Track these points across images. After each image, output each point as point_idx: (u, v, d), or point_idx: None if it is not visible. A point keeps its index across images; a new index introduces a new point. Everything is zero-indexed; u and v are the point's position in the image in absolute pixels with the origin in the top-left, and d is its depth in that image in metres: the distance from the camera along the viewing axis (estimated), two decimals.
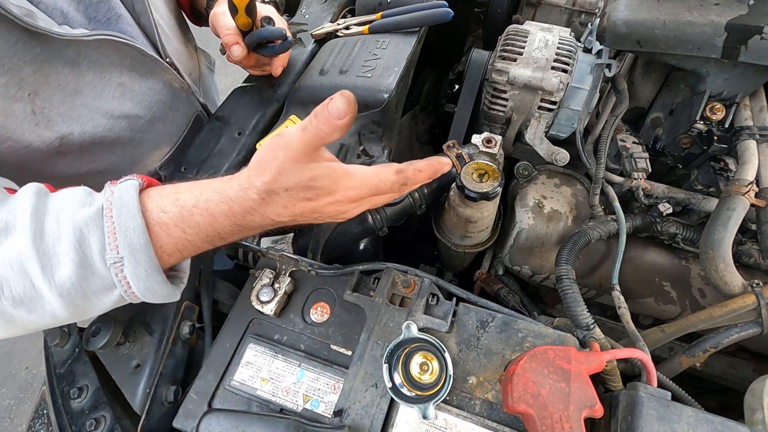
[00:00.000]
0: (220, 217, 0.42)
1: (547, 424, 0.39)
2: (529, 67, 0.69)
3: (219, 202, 0.41)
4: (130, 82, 0.62)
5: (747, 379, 0.61)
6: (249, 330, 0.53)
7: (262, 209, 0.42)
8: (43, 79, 0.51)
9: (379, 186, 0.43)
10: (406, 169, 0.43)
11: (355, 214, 0.47)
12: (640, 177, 0.68)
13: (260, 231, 0.46)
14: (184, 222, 0.41)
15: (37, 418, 0.55)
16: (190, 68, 0.79)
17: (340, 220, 0.48)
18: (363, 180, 0.42)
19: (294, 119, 0.64)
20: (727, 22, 0.56)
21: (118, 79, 0.60)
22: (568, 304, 0.57)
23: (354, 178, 0.42)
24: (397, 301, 0.52)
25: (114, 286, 0.40)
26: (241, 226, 0.43)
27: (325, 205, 0.43)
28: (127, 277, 0.40)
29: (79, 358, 0.54)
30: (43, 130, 0.53)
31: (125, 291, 0.41)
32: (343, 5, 0.90)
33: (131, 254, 0.39)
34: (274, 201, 0.41)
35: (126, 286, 0.40)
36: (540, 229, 0.70)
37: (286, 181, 0.40)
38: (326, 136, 0.38)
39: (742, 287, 0.57)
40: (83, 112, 0.57)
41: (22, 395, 1.80)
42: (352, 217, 0.47)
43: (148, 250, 0.40)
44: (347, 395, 0.46)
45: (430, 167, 0.44)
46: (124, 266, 0.39)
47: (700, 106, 0.63)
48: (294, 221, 0.45)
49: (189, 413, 0.49)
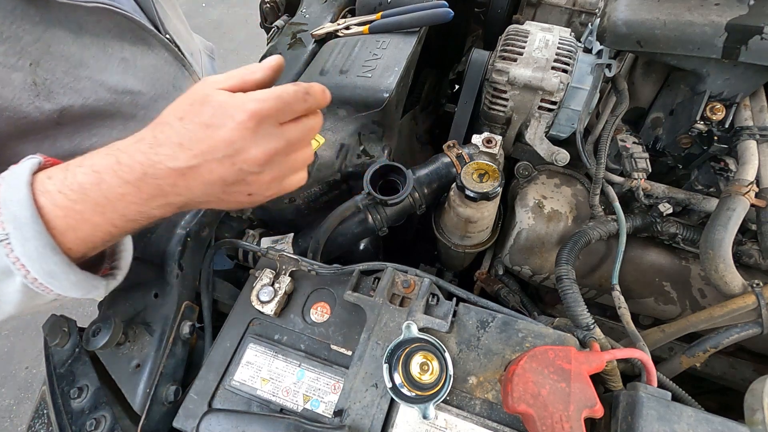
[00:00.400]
0: (107, 174, 0.36)
1: (547, 424, 0.39)
2: (530, 67, 0.69)
3: (106, 155, 0.37)
4: (132, 57, 0.62)
5: (747, 379, 0.61)
6: (249, 330, 0.53)
7: (154, 154, 0.37)
8: (45, 49, 0.50)
9: (282, 95, 0.38)
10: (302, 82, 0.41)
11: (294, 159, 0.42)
12: (640, 177, 0.68)
13: (169, 201, 0.39)
14: (68, 186, 0.37)
15: (37, 418, 0.55)
16: (191, 48, 0.79)
17: (288, 182, 0.43)
18: (262, 92, 0.38)
19: None
20: (727, 22, 0.56)
21: (120, 53, 0.59)
22: (568, 304, 0.57)
23: (252, 93, 0.38)
24: (397, 301, 0.52)
25: (11, 270, 0.37)
26: (135, 187, 0.37)
27: (230, 131, 0.37)
28: (19, 257, 0.36)
29: (79, 358, 0.54)
30: (43, 102, 0.52)
31: (25, 276, 0.37)
32: (343, 5, 0.90)
33: (17, 229, 0.35)
34: (167, 135, 0.37)
35: (22, 269, 0.36)
36: (540, 229, 0.70)
37: (180, 105, 0.37)
38: (249, 72, 0.39)
39: (742, 287, 0.57)
40: (87, 85, 0.56)
41: (22, 395, 1.79)
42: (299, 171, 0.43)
43: (35, 224, 0.36)
44: (347, 395, 0.46)
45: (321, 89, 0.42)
46: (11, 243, 0.35)
47: (701, 106, 0.63)
48: (210, 182, 0.39)
49: (189, 413, 0.49)
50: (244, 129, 0.37)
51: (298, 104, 0.40)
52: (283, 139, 0.40)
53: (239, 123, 0.37)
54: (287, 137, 0.40)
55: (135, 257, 0.60)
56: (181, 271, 0.59)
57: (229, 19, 3.13)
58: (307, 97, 0.40)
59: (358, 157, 0.72)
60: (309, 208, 0.71)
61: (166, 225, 0.62)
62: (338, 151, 0.70)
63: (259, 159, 0.39)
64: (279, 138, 0.39)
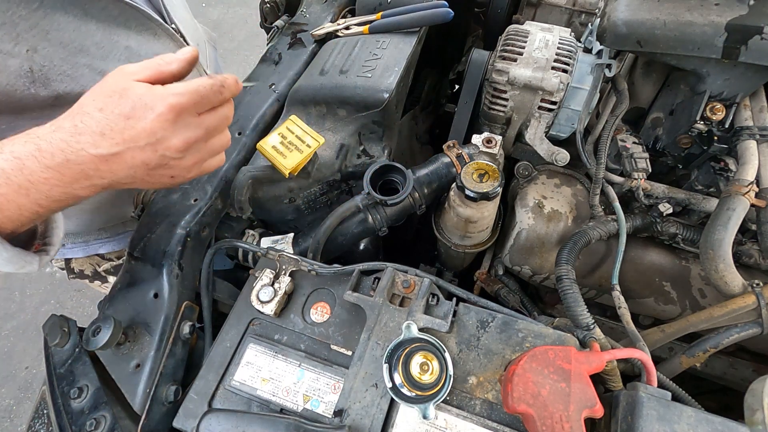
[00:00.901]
0: (28, 159, 0.38)
1: (547, 424, 0.39)
2: (530, 67, 0.69)
3: (25, 143, 0.39)
4: (137, 45, 0.61)
5: (747, 379, 0.61)
6: (249, 330, 0.53)
7: (75, 142, 0.38)
8: (43, 35, 0.49)
9: (199, 89, 0.41)
10: (217, 75, 0.43)
11: (212, 144, 0.45)
12: (640, 177, 0.68)
13: (93, 183, 0.41)
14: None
15: (37, 418, 0.55)
16: (196, 39, 0.79)
17: (207, 164, 0.46)
18: (179, 86, 0.41)
19: (294, 119, 0.64)
20: (727, 23, 0.56)
21: (126, 41, 0.59)
22: (569, 304, 0.57)
23: (170, 87, 0.41)
24: (397, 301, 0.52)
25: None
26: (57, 171, 0.39)
27: (150, 122, 0.39)
28: None
29: (79, 358, 0.54)
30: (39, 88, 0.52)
31: None
32: (343, 5, 0.90)
33: None
34: (87, 125, 0.38)
35: None
36: (540, 229, 0.70)
37: (98, 95, 0.38)
38: (164, 63, 0.40)
39: (742, 287, 0.57)
40: (85, 73, 0.56)
41: (22, 395, 1.79)
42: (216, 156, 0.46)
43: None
44: (347, 395, 0.46)
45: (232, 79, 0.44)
46: None
47: (701, 106, 0.63)
48: (133, 167, 0.41)
49: (189, 413, 0.49)
50: (164, 120, 0.40)
51: (215, 96, 0.43)
52: (202, 128, 0.43)
53: (159, 115, 0.39)
54: (205, 126, 0.43)
55: (135, 257, 0.61)
56: (181, 271, 0.59)
57: (229, 19, 3.13)
58: (223, 89, 0.43)
59: (358, 157, 0.72)
60: (309, 208, 0.71)
61: (166, 225, 0.62)
62: (338, 151, 0.70)
63: (179, 147, 0.42)
64: (197, 127, 0.43)
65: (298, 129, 0.62)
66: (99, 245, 0.85)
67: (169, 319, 0.56)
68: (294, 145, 0.61)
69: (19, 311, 2.00)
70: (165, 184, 0.45)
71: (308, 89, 0.72)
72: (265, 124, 0.74)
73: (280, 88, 0.77)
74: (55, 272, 2.09)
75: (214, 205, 0.65)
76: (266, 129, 0.74)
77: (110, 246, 0.86)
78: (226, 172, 0.67)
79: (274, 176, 0.65)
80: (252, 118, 0.73)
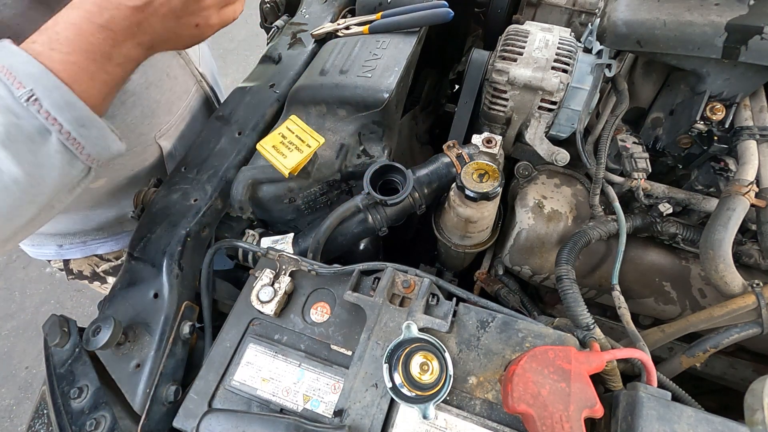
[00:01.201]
0: (84, 23, 0.42)
1: (547, 424, 0.39)
2: (530, 67, 0.69)
3: (71, 9, 0.43)
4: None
5: (747, 379, 0.61)
6: (249, 330, 0.53)
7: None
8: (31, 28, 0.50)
9: None
10: None
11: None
12: (640, 177, 0.68)
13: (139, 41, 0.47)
14: (56, 41, 0.42)
15: (37, 418, 0.55)
16: None
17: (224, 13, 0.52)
18: None
19: (294, 119, 0.64)
20: (727, 23, 0.56)
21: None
22: (569, 304, 0.57)
23: None
24: (397, 301, 0.52)
25: (45, 128, 0.41)
26: (109, 29, 0.43)
27: None
28: (50, 111, 0.40)
29: (79, 358, 0.54)
30: None
31: (59, 131, 0.41)
32: (343, 5, 0.90)
33: (35, 83, 0.40)
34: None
35: (55, 123, 0.41)
36: (540, 229, 0.70)
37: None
38: None
39: (742, 287, 0.57)
40: None
41: (22, 395, 1.80)
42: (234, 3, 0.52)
43: (49, 77, 0.40)
44: (347, 395, 0.46)
45: None
46: (38, 99, 0.40)
47: (701, 107, 0.63)
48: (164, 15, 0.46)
49: (189, 413, 0.49)
50: None
51: None
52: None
53: None
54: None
55: (135, 257, 0.61)
56: (181, 271, 0.59)
57: None
58: None
59: (358, 157, 0.72)
60: (309, 208, 0.71)
61: (167, 225, 0.62)
62: (338, 151, 0.70)
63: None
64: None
65: (298, 129, 0.62)
66: (97, 245, 0.86)
67: (169, 319, 0.56)
68: (294, 145, 0.61)
69: (19, 311, 2.00)
70: (194, 35, 0.51)
71: (308, 89, 0.72)
72: (265, 124, 0.74)
73: (280, 88, 0.77)
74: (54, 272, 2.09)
75: (214, 205, 0.65)
76: (266, 129, 0.74)
77: (108, 246, 0.87)
78: (225, 172, 0.67)
79: (274, 176, 0.65)
80: (252, 118, 0.73)
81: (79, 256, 0.87)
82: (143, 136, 0.74)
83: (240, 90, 0.78)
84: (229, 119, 0.74)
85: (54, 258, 0.88)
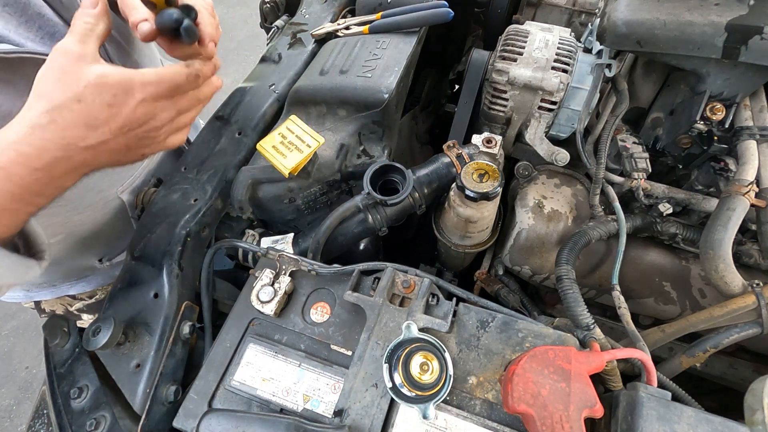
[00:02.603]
0: (14, 167, 0.38)
1: (547, 424, 0.39)
2: (530, 67, 0.69)
3: (2, 152, 0.38)
4: None
5: (747, 379, 0.61)
6: (249, 330, 0.53)
7: (60, 138, 0.39)
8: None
9: (175, 78, 0.44)
10: (194, 62, 0.47)
11: (179, 121, 0.48)
12: (640, 177, 0.68)
13: (79, 172, 0.43)
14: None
15: (37, 418, 0.55)
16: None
17: (171, 140, 0.48)
18: (156, 75, 0.43)
19: (294, 119, 0.64)
20: (727, 23, 0.56)
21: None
22: (569, 304, 0.57)
23: (146, 74, 0.42)
24: (397, 301, 0.52)
25: None
26: (46, 171, 0.40)
27: (133, 110, 0.41)
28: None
29: (79, 358, 0.54)
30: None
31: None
32: (343, 5, 0.90)
33: None
34: (68, 119, 0.39)
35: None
36: (540, 229, 0.70)
37: (74, 87, 0.39)
38: (92, 26, 0.40)
39: (742, 287, 0.57)
40: None
41: (22, 395, 1.79)
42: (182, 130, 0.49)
43: None
44: (347, 395, 0.46)
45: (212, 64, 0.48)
46: None
47: (701, 106, 0.63)
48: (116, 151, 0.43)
49: (189, 413, 0.49)
50: (146, 105, 0.43)
51: (190, 86, 0.47)
52: (175, 109, 0.47)
53: (140, 102, 0.42)
54: (178, 107, 0.47)
55: (135, 257, 0.61)
56: (181, 271, 0.59)
57: (229, 19, 3.13)
58: (198, 80, 0.47)
59: (358, 157, 0.72)
60: (309, 208, 0.71)
61: (167, 225, 0.62)
62: (338, 151, 0.70)
63: (157, 127, 0.45)
64: (171, 109, 0.46)
65: (298, 129, 0.62)
66: (68, 287, 0.82)
67: (169, 319, 0.56)
68: (294, 145, 0.61)
69: (19, 311, 2.00)
70: (135, 160, 0.48)
71: (308, 89, 0.72)
72: (265, 124, 0.74)
73: (280, 88, 0.77)
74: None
75: (214, 205, 0.65)
76: (266, 129, 0.74)
77: (80, 287, 0.83)
78: (225, 172, 0.67)
79: (274, 176, 0.65)
80: (252, 118, 0.73)
81: (49, 297, 0.84)
82: (103, 193, 0.71)
83: (240, 90, 0.78)
84: (229, 119, 0.74)
85: (23, 300, 0.85)
